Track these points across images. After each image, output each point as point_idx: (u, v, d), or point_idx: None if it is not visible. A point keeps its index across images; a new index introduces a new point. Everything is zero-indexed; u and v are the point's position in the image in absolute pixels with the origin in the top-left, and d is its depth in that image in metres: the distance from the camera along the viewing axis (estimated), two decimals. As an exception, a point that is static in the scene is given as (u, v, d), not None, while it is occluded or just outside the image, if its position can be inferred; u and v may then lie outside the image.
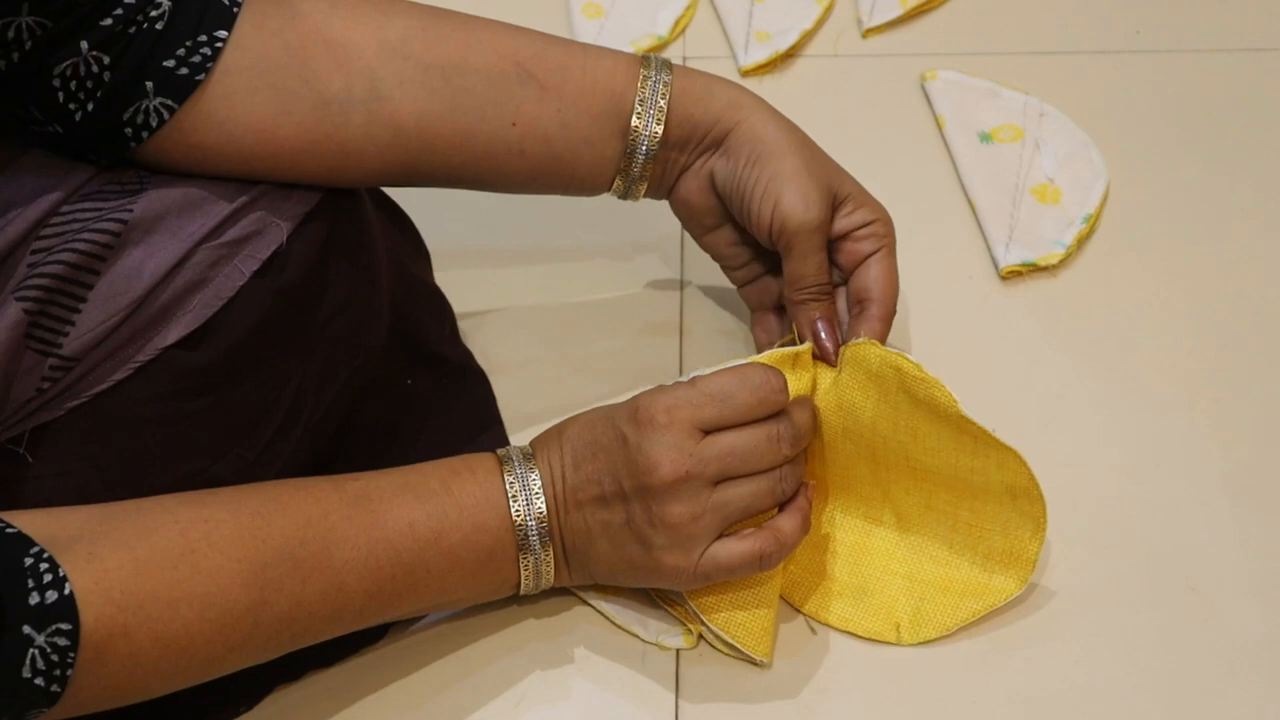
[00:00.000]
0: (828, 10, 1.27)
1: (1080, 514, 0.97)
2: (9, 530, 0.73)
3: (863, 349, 0.91)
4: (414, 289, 1.00)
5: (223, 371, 0.83)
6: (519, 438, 1.00)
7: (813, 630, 0.93)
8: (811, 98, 1.21)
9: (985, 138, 1.17)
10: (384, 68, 0.88)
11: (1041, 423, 1.01)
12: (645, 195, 0.97)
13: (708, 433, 0.86)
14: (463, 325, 1.05)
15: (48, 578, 0.72)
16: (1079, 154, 1.15)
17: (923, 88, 1.21)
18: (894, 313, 0.95)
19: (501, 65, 0.91)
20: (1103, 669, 0.91)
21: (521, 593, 0.89)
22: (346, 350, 0.89)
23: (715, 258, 1.01)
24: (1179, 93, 1.20)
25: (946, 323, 1.06)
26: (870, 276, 0.95)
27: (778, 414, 0.88)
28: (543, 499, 0.86)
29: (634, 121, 0.93)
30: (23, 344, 0.78)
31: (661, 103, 0.93)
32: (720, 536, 0.87)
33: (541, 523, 0.86)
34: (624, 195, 0.97)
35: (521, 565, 0.87)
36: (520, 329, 1.08)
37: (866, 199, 0.97)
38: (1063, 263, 1.09)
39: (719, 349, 1.05)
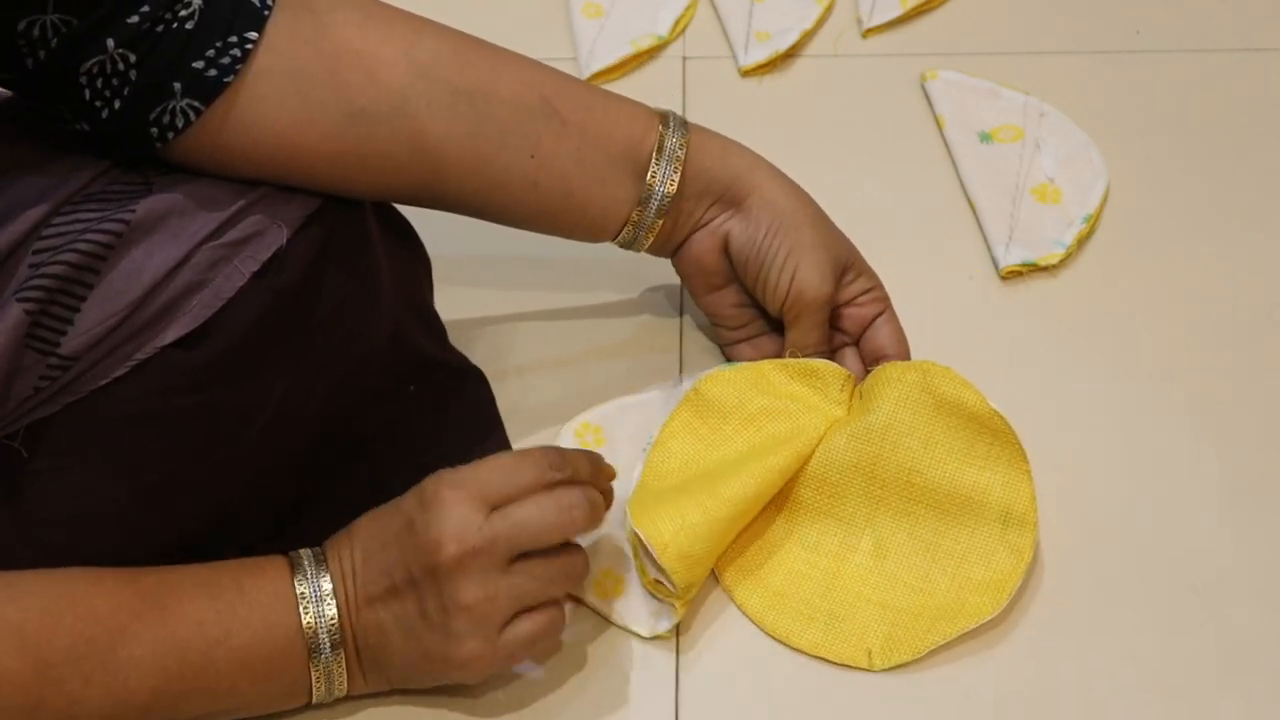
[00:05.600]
0: (828, 10, 1.27)
1: (1080, 514, 0.97)
2: None
3: (884, 368, 0.96)
4: (414, 297, 1.00)
5: (218, 369, 0.83)
6: (518, 441, 1.01)
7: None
8: (811, 98, 1.22)
9: (985, 138, 1.17)
10: (413, 86, 0.88)
11: (1041, 423, 1.01)
12: (649, 250, 0.99)
13: (496, 508, 0.83)
14: (463, 328, 1.05)
15: None
16: (1079, 154, 1.15)
17: (923, 88, 1.21)
18: None
19: (527, 97, 0.92)
20: (1102, 669, 0.91)
21: (314, 701, 0.85)
22: (339, 353, 0.89)
23: (713, 317, 1.03)
24: (1179, 93, 1.20)
25: (946, 323, 1.06)
26: (882, 338, 1.00)
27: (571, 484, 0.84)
28: (334, 603, 0.83)
29: (651, 167, 0.94)
30: (23, 344, 0.78)
31: (680, 152, 0.95)
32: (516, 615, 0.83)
33: (333, 630, 0.82)
34: (629, 244, 0.98)
35: (313, 673, 0.83)
36: (520, 332, 1.08)
37: (864, 265, 1.01)
38: (1063, 263, 1.09)
39: (718, 352, 1.05)
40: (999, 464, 0.94)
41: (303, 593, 0.83)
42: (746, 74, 1.23)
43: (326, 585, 0.83)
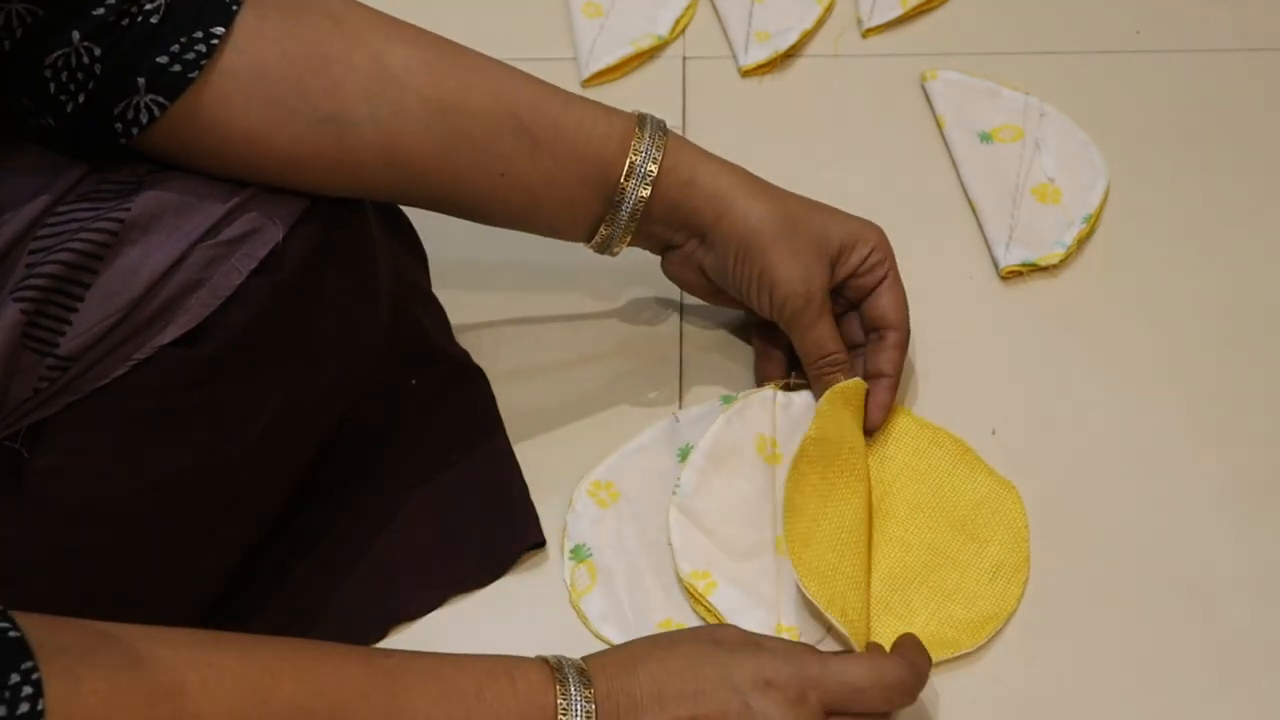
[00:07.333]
0: (828, 10, 1.26)
1: (1080, 514, 0.97)
2: (11, 634, 0.66)
3: (902, 416, 0.99)
4: (413, 291, 1.00)
5: (218, 366, 0.82)
6: (518, 442, 1.00)
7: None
8: (811, 98, 1.21)
9: (985, 138, 1.17)
10: (383, 94, 0.87)
11: (1041, 422, 1.01)
12: (633, 246, 0.98)
13: (829, 713, 0.82)
14: (461, 329, 1.05)
15: (23, 707, 0.64)
16: (1079, 154, 1.15)
17: (923, 88, 1.21)
18: (909, 336, 0.98)
19: (499, 113, 0.90)
20: (1102, 669, 0.91)
21: None
22: (339, 349, 0.89)
23: (724, 307, 1.04)
24: (1179, 93, 1.20)
25: (946, 323, 1.06)
26: (882, 305, 0.98)
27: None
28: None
29: (618, 194, 0.93)
30: (20, 344, 0.78)
31: (650, 177, 0.93)
32: None
33: None
34: (602, 252, 0.97)
35: None
36: (520, 333, 1.07)
37: (857, 232, 0.98)
38: (1063, 263, 1.09)
39: (719, 354, 1.06)
40: (1000, 528, 0.95)
41: (564, 706, 0.79)
42: (746, 74, 1.23)
43: (591, 708, 0.79)
